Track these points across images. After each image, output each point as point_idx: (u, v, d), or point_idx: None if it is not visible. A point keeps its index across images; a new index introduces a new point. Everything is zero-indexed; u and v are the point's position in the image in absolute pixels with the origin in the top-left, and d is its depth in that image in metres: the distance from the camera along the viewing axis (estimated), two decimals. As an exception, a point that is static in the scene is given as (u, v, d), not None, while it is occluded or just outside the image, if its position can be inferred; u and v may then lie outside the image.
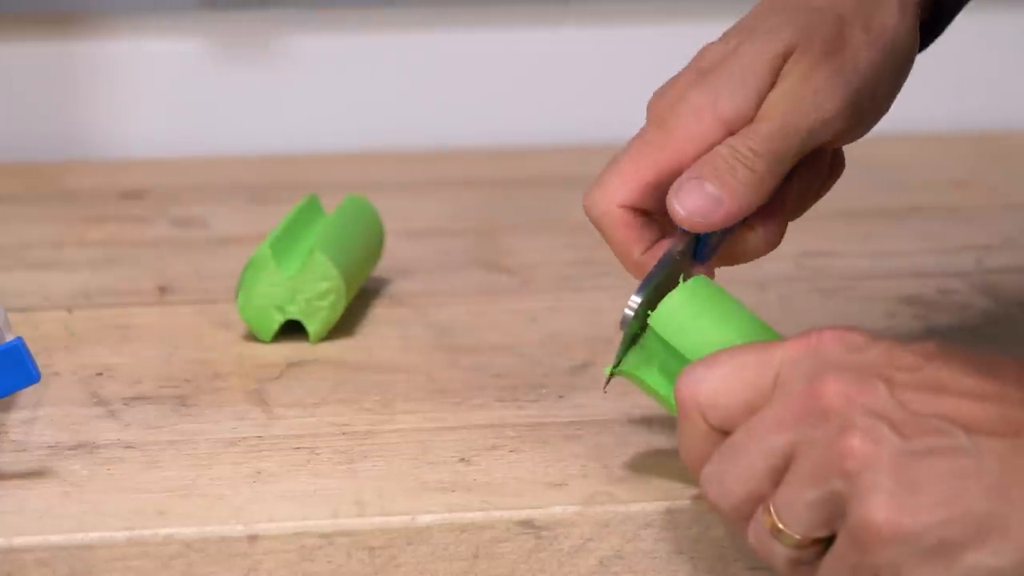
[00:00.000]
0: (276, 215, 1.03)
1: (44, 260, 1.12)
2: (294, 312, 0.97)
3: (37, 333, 0.95)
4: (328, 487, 0.80)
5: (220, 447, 0.84)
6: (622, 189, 0.82)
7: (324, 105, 1.37)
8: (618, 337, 0.80)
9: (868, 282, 1.07)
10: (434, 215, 1.20)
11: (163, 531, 0.76)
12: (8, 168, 1.31)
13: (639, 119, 1.41)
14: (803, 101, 0.82)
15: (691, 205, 0.81)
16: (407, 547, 0.77)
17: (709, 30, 1.39)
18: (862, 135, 0.85)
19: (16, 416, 0.87)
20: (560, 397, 0.90)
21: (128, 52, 1.36)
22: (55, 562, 0.75)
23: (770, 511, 0.71)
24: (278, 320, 0.97)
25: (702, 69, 0.84)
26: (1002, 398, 0.68)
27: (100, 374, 0.93)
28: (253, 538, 0.76)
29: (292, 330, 0.97)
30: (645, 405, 0.88)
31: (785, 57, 0.83)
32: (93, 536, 0.75)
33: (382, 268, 1.07)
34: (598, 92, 1.38)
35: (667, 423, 0.85)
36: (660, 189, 0.82)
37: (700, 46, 1.34)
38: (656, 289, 0.80)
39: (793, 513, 0.70)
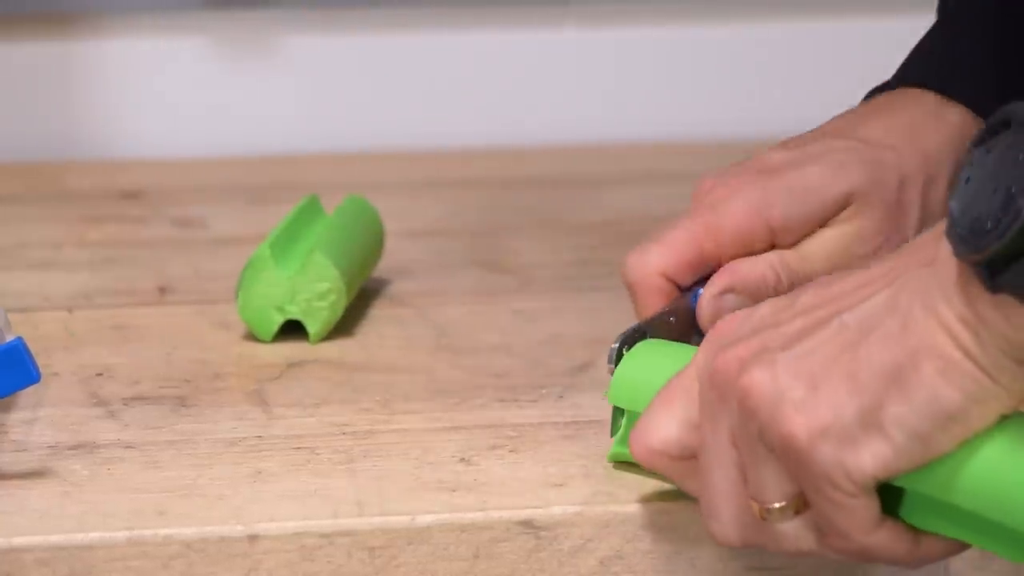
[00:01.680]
0: (276, 215, 1.03)
1: (44, 260, 1.12)
2: (294, 312, 0.97)
3: (37, 333, 0.96)
4: (328, 487, 0.80)
5: (220, 447, 0.84)
6: (664, 261, 0.85)
7: (324, 105, 1.37)
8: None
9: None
10: (434, 215, 1.20)
11: (163, 531, 0.76)
12: (8, 168, 1.31)
13: (636, 120, 1.41)
14: (849, 257, 0.87)
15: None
16: (407, 547, 0.77)
17: (705, 33, 1.40)
18: None
19: (16, 416, 0.87)
20: (560, 397, 0.90)
21: (127, 52, 1.36)
22: (55, 562, 0.75)
23: (752, 504, 0.72)
24: (278, 320, 0.97)
25: (763, 170, 0.88)
26: (878, 274, 0.70)
27: (100, 374, 0.93)
28: (253, 538, 0.76)
29: (292, 330, 0.97)
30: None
31: (847, 200, 0.87)
32: (93, 536, 0.76)
33: (382, 268, 1.07)
34: (597, 93, 1.38)
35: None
36: (696, 268, 0.85)
37: (697, 49, 1.35)
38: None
39: (763, 488, 0.71)
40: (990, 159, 0.65)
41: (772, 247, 0.86)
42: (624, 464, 0.80)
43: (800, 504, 0.71)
